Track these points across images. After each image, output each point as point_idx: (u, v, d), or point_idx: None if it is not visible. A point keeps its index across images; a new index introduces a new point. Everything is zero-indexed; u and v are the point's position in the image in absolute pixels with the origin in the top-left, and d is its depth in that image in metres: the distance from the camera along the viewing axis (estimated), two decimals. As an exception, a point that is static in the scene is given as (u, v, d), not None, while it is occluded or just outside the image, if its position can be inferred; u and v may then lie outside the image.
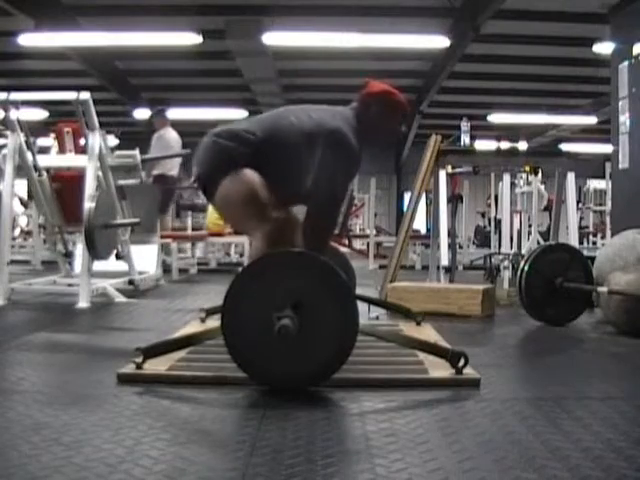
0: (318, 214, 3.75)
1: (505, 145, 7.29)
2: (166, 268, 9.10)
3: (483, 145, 7.87)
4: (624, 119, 6.99)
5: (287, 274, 3.04)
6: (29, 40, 11.71)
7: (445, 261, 6.82)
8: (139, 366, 3.24)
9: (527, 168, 8.13)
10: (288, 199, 3.95)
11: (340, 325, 3.01)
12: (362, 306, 5.37)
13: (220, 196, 3.78)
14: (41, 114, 16.33)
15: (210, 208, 9.93)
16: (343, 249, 9.66)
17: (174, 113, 18.05)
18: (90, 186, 6.11)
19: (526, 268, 5.43)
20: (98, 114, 6.44)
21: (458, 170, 7.85)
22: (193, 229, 12.20)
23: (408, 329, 4.57)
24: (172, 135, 10.21)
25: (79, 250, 6.84)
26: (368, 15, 12.03)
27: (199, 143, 3.98)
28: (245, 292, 3.02)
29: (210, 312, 4.78)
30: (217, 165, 3.80)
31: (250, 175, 3.70)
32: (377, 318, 5.38)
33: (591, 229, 15.87)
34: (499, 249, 9.45)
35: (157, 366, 3.28)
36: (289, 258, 3.17)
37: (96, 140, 6.38)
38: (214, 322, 4.58)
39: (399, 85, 4.20)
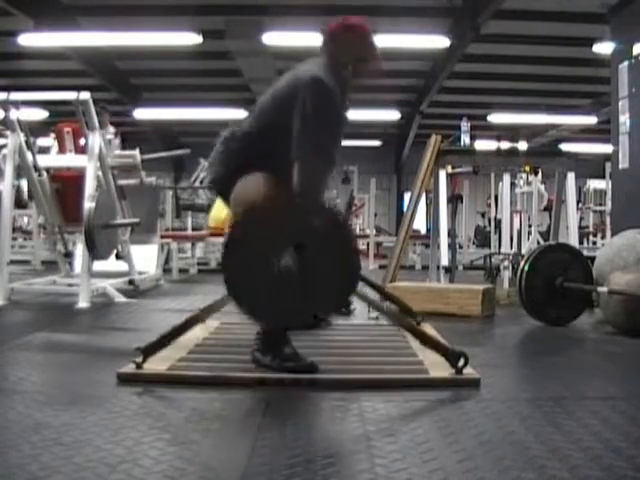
0: (306, 165, 3.56)
1: (505, 145, 7.28)
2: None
3: (483, 145, 7.86)
4: (624, 119, 6.99)
5: (288, 216, 3.07)
6: (29, 40, 11.69)
7: (445, 261, 6.82)
8: (139, 366, 3.24)
9: (527, 168, 8.13)
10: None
11: (342, 264, 3.03)
12: (362, 306, 5.39)
13: (234, 199, 3.76)
14: (41, 114, 16.32)
15: (217, 204, 9.94)
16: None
17: (174, 113, 18.18)
18: (90, 186, 6.11)
19: (526, 268, 5.43)
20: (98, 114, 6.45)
21: (458, 170, 7.86)
22: (193, 229, 12.21)
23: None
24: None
25: (79, 250, 6.85)
26: (368, 15, 12.02)
27: (214, 143, 3.94)
28: (247, 234, 3.02)
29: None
30: (229, 168, 3.77)
31: (261, 178, 3.68)
32: (377, 318, 5.38)
33: (591, 229, 15.87)
34: (499, 249, 9.46)
35: (157, 366, 3.28)
36: (290, 200, 3.17)
37: (96, 140, 6.39)
38: (214, 322, 4.60)
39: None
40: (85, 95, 6.27)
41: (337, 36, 3.96)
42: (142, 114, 18.36)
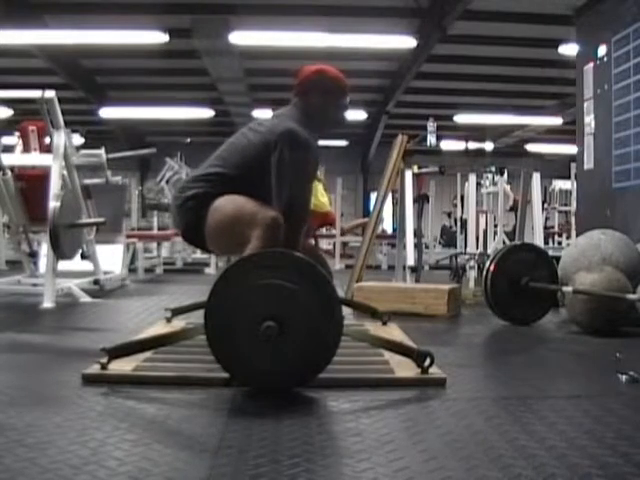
0: (286, 214, 3.71)
1: (472, 145, 7.32)
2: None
3: (449, 145, 7.90)
4: (589, 120, 7.04)
5: (270, 274, 3.02)
6: (-6, 37, 11.61)
7: (411, 261, 6.84)
8: (104, 366, 3.21)
9: (493, 168, 8.18)
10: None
11: (325, 325, 3.01)
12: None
13: (208, 228, 3.74)
14: (5, 112, 16.20)
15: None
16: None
17: (140, 112, 18.10)
18: (55, 185, 6.07)
19: (492, 268, 5.46)
20: (63, 113, 6.40)
21: (424, 170, 7.88)
22: (159, 229, 12.17)
23: (374, 329, 4.57)
24: None
25: (44, 250, 6.80)
26: (335, 15, 12.05)
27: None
28: (228, 292, 3.00)
29: (176, 312, 4.76)
30: (193, 211, 3.76)
31: (226, 197, 3.69)
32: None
33: (556, 229, 16.00)
34: (465, 249, 9.50)
35: (122, 366, 3.26)
36: (272, 258, 3.15)
37: (61, 139, 6.34)
38: (180, 322, 4.59)
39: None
40: (50, 93, 6.22)
41: (312, 90, 4.00)
42: (108, 113, 18.29)
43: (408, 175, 7.08)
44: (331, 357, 3.05)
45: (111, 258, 8.03)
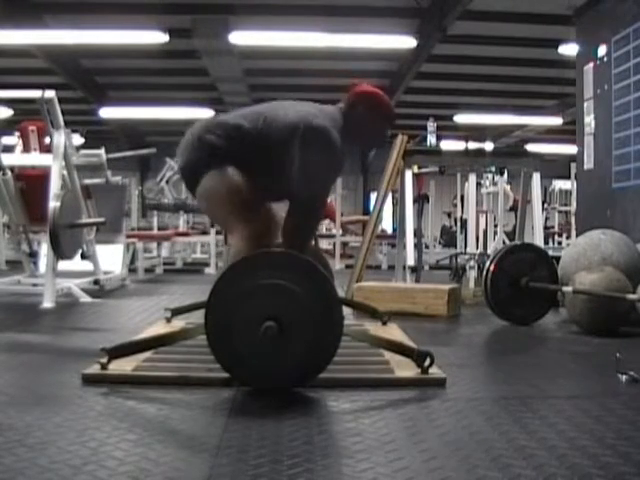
0: (300, 213, 3.73)
1: (472, 145, 7.31)
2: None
3: (449, 145, 7.89)
4: (589, 120, 7.04)
5: (271, 274, 3.02)
6: (-6, 37, 11.60)
7: (411, 261, 6.84)
8: (104, 367, 3.21)
9: (493, 168, 8.17)
10: (274, 194, 3.93)
11: (325, 325, 3.01)
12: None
13: (202, 190, 3.76)
14: (5, 112, 16.19)
15: None
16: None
17: (140, 112, 18.09)
18: (55, 185, 6.07)
19: (492, 268, 5.46)
20: (63, 113, 6.40)
21: (424, 170, 7.88)
22: (159, 229, 12.17)
23: (374, 329, 4.57)
24: None
25: (44, 250, 6.80)
26: (335, 15, 12.04)
27: (181, 139, 3.93)
28: (228, 292, 3.00)
29: (175, 312, 4.75)
30: (200, 158, 3.77)
31: (232, 173, 3.69)
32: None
33: (556, 229, 16.01)
34: (465, 249, 9.49)
35: (122, 366, 3.26)
36: (273, 258, 3.15)
37: (61, 139, 6.34)
38: (179, 322, 4.59)
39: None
40: (50, 93, 6.21)
41: (361, 105, 4.00)
42: (108, 113, 18.28)
43: (408, 175, 7.08)
44: (331, 357, 3.05)
45: (111, 258, 8.03)
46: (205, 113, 17.94)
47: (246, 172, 3.71)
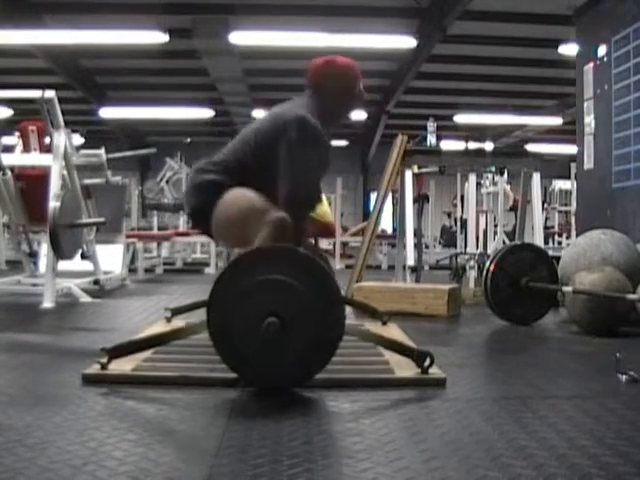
0: (289, 203, 3.69)
1: (472, 145, 7.32)
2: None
3: (449, 145, 7.89)
4: (589, 120, 7.03)
5: (272, 270, 3.02)
6: (-6, 37, 11.60)
7: (411, 261, 6.84)
8: (104, 366, 3.21)
9: (493, 168, 8.18)
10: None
11: (326, 321, 3.01)
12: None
13: (217, 219, 3.73)
14: (5, 112, 16.20)
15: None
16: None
17: (140, 112, 18.10)
18: (55, 185, 6.07)
19: (492, 268, 5.46)
20: (63, 113, 6.40)
21: (424, 170, 7.88)
22: (159, 229, 12.18)
23: (374, 329, 4.56)
24: None
25: (44, 250, 6.80)
26: (335, 15, 12.05)
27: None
28: (230, 288, 2.99)
29: (176, 312, 4.75)
30: (206, 199, 3.75)
31: (239, 190, 3.68)
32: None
33: (556, 229, 16.01)
34: (465, 249, 9.50)
35: (122, 366, 3.26)
36: (274, 254, 3.15)
37: (61, 139, 6.34)
38: (179, 322, 4.59)
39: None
40: (50, 93, 6.21)
41: (326, 80, 3.99)
42: (108, 113, 18.28)
43: (408, 175, 7.08)
44: (331, 355, 3.04)
45: (111, 258, 8.03)
46: (205, 113, 18.01)
47: (253, 189, 3.70)
